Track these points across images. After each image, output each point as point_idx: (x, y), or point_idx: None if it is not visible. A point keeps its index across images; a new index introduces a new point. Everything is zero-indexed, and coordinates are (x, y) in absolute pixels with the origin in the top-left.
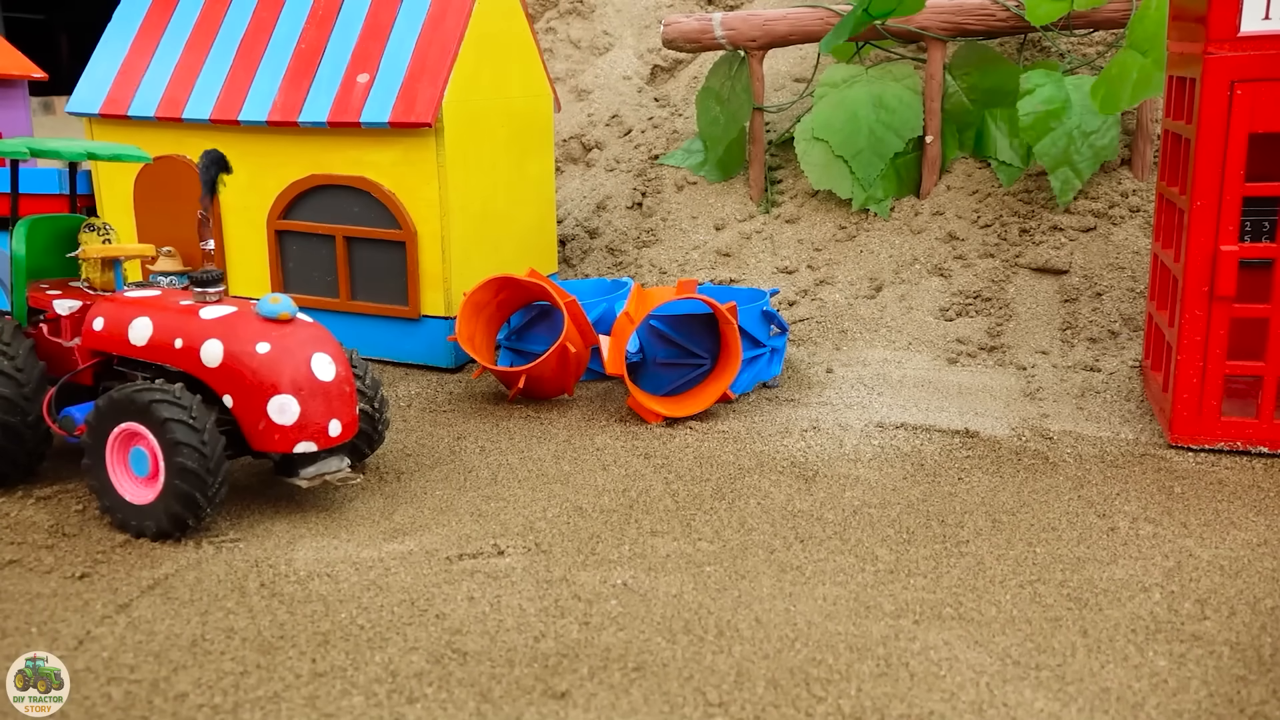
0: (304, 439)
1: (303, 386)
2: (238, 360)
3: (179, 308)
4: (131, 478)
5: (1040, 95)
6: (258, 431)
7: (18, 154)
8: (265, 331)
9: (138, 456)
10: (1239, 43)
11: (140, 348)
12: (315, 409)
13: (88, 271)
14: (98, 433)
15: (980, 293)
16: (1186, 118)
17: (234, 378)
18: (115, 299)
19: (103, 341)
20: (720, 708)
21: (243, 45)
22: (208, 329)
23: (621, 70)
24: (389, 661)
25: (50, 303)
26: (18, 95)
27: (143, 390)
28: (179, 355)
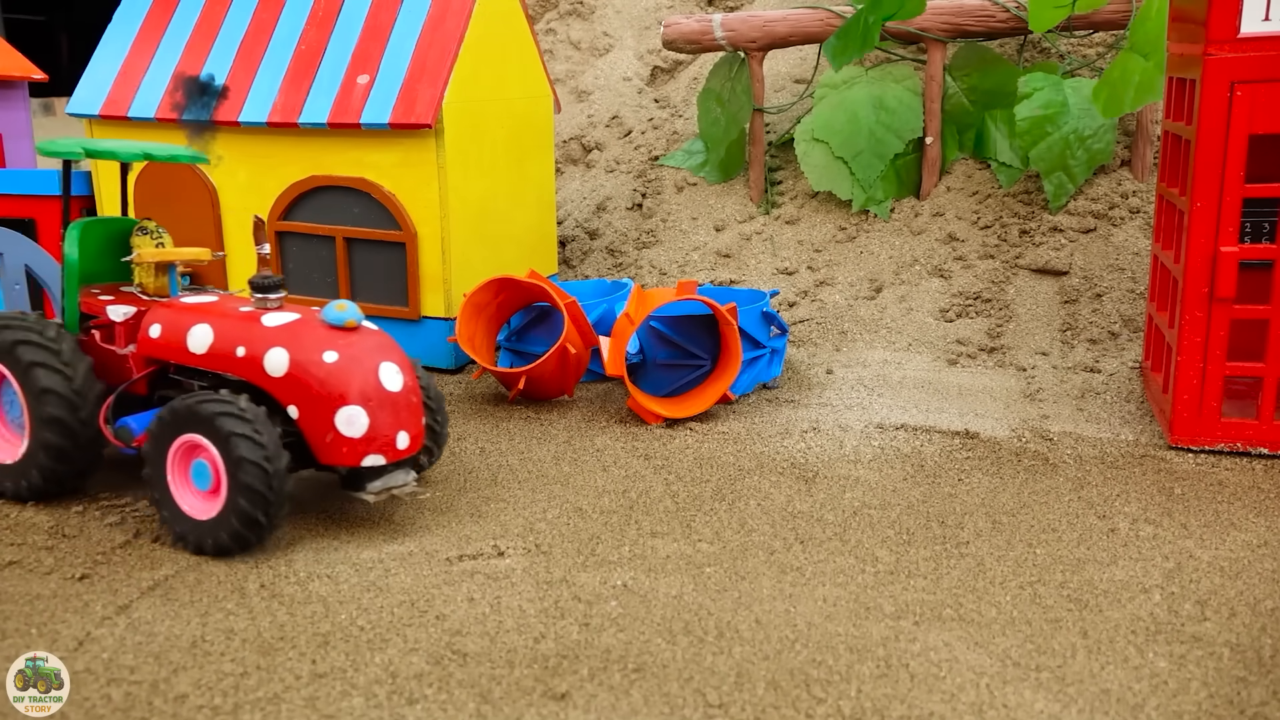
0: (372, 452)
1: (371, 397)
2: (304, 370)
3: (240, 314)
4: (193, 491)
5: (1038, 99)
6: (324, 444)
7: (72, 155)
8: (332, 340)
9: (199, 470)
10: (1239, 44)
11: (199, 356)
12: (383, 420)
13: (141, 276)
14: (159, 445)
15: (980, 294)
16: (1186, 119)
17: (300, 388)
18: (171, 305)
19: (159, 349)
20: (720, 709)
21: (243, 46)
22: (271, 337)
23: (621, 71)
24: (389, 662)
25: (103, 309)
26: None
27: (205, 402)
28: (241, 364)
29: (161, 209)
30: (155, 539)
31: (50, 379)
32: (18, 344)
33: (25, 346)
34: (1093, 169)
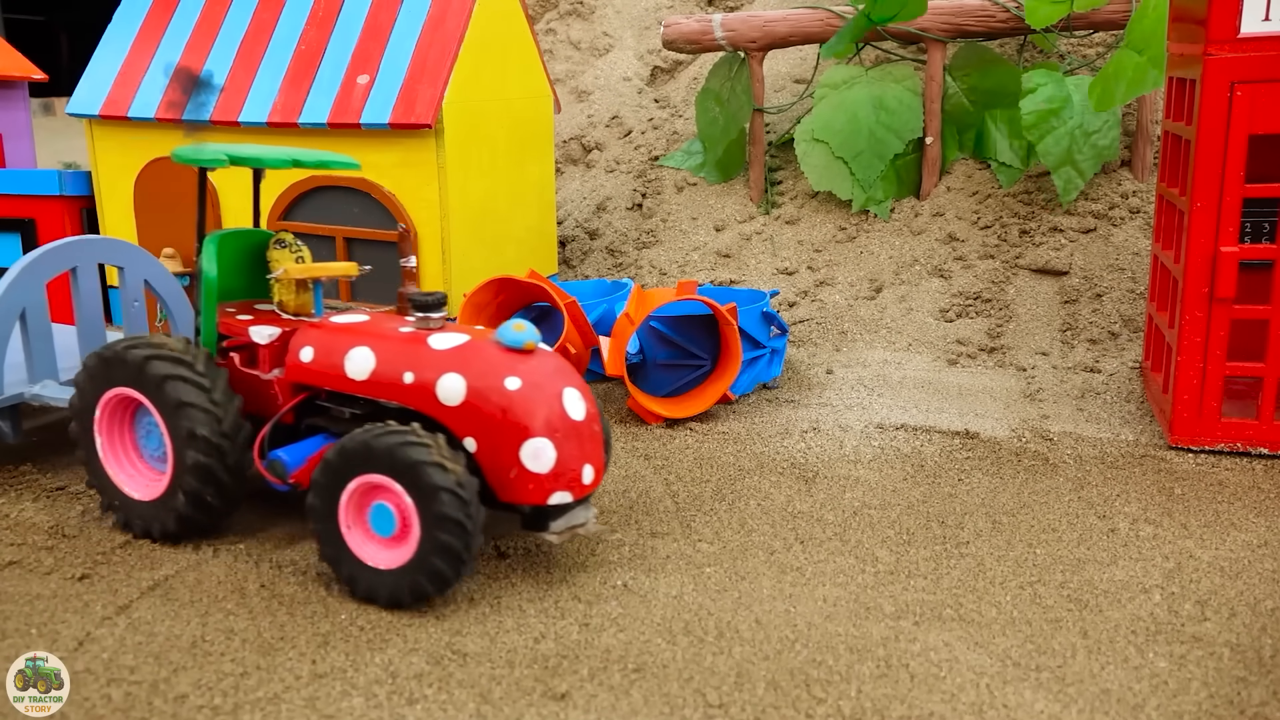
0: (559, 488)
1: (557, 428)
2: (484, 398)
3: (403, 336)
4: (371, 537)
5: (1042, 94)
6: (507, 480)
7: (216, 162)
8: (511, 364)
9: (380, 514)
10: (1239, 44)
11: (360, 382)
12: (570, 453)
13: (280, 293)
14: (329, 491)
15: (980, 294)
16: (1186, 119)
17: (480, 418)
18: (322, 325)
19: (311, 374)
20: (720, 709)
21: (243, 46)
22: (444, 361)
23: (621, 71)
24: (389, 663)
25: (245, 329)
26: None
27: (387, 436)
28: (409, 391)
29: (161, 209)
30: (155, 539)
31: (200, 422)
32: (167, 379)
33: (176, 383)
34: (1100, 164)
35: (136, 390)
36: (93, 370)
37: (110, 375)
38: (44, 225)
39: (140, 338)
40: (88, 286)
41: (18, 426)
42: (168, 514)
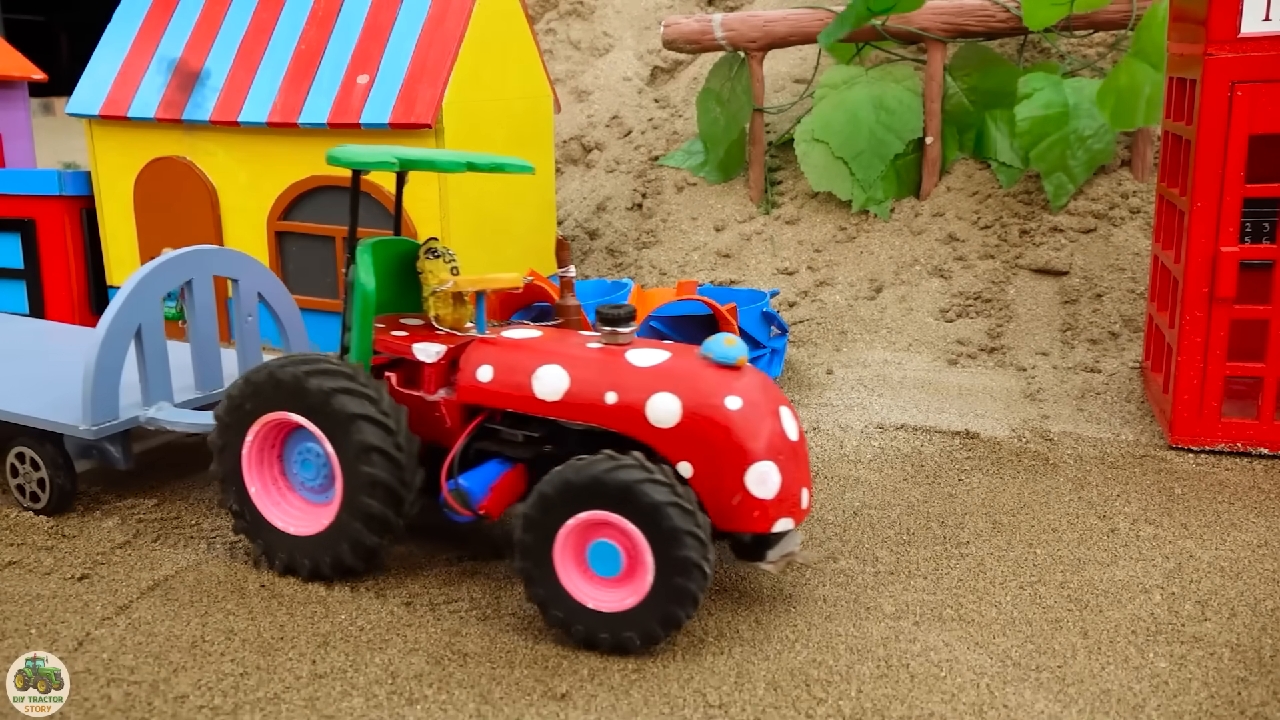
0: (783, 514)
1: (780, 449)
2: (704, 419)
3: (597, 353)
4: (589, 578)
5: (1038, 100)
6: (729, 508)
7: (385, 166)
8: (728, 382)
9: (603, 552)
10: (1239, 44)
11: (551, 403)
12: (791, 476)
13: (437, 307)
14: (545, 524)
15: (980, 294)
16: (1187, 119)
17: (698, 441)
18: (499, 343)
19: (491, 395)
20: (720, 709)
21: (243, 46)
22: (653, 379)
23: (621, 71)
24: (389, 663)
25: (408, 347)
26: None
27: (621, 471)
28: (612, 413)
29: (161, 209)
30: (155, 539)
31: (375, 434)
32: (335, 393)
33: (345, 396)
34: (1093, 169)
35: (304, 417)
36: (242, 396)
37: (264, 400)
38: (44, 225)
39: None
40: (203, 301)
41: (128, 451)
42: (338, 544)
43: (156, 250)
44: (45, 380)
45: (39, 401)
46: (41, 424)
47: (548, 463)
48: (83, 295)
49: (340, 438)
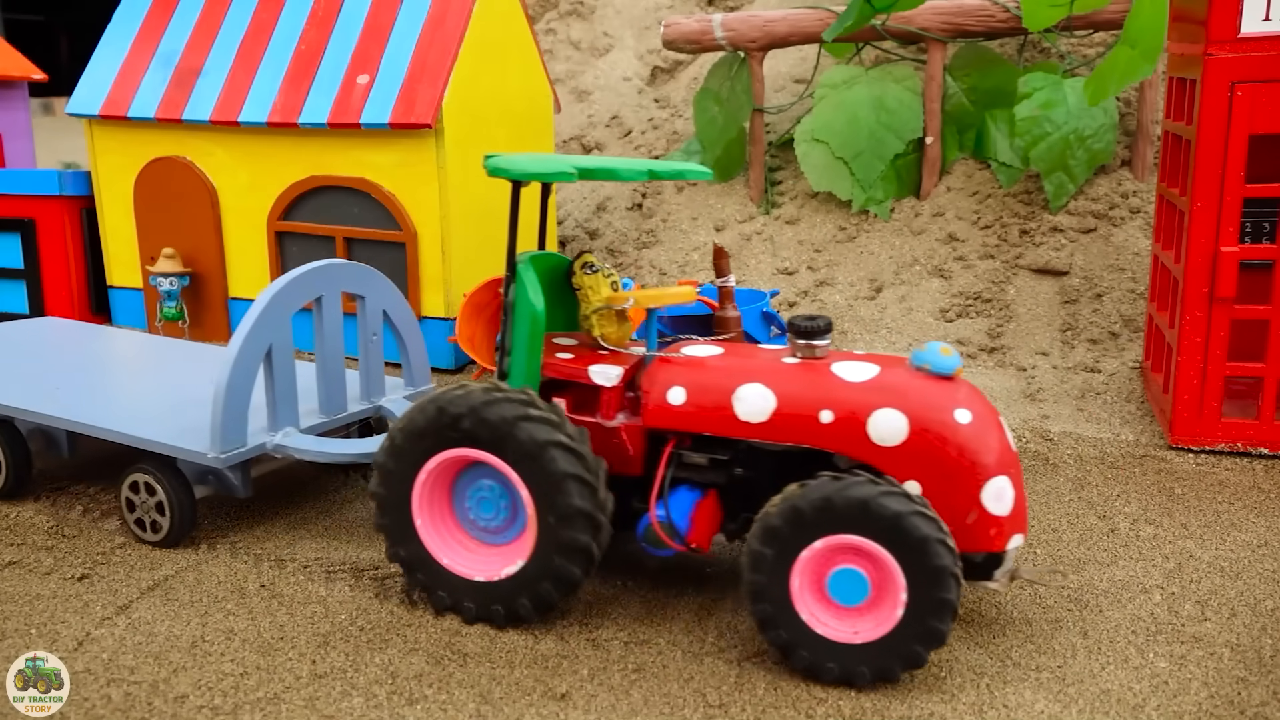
0: (1017, 530)
1: (1010, 463)
2: (933, 435)
3: (800, 368)
4: (828, 607)
5: (1038, 99)
6: (964, 527)
7: (563, 177)
8: (951, 394)
9: (846, 580)
10: (1239, 44)
11: (756, 425)
12: (1019, 490)
13: (602, 325)
14: (779, 556)
15: (980, 294)
16: (1187, 119)
17: (928, 459)
18: (682, 362)
19: (685, 418)
20: (720, 709)
21: (243, 46)
22: (870, 395)
23: (621, 71)
24: (389, 663)
25: (582, 370)
26: (18, 96)
27: (850, 487)
28: (828, 432)
29: (161, 209)
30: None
31: (568, 461)
32: (520, 421)
33: (531, 424)
34: (1093, 169)
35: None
36: (409, 437)
37: (436, 438)
38: (44, 225)
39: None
40: (331, 318)
41: (248, 479)
42: (538, 583)
43: (156, 250)
44: (163, 402)
45: (163, 426)
46: (166, 450)
47: (740, 488)
48: (83, 295)
49: (530, 469)
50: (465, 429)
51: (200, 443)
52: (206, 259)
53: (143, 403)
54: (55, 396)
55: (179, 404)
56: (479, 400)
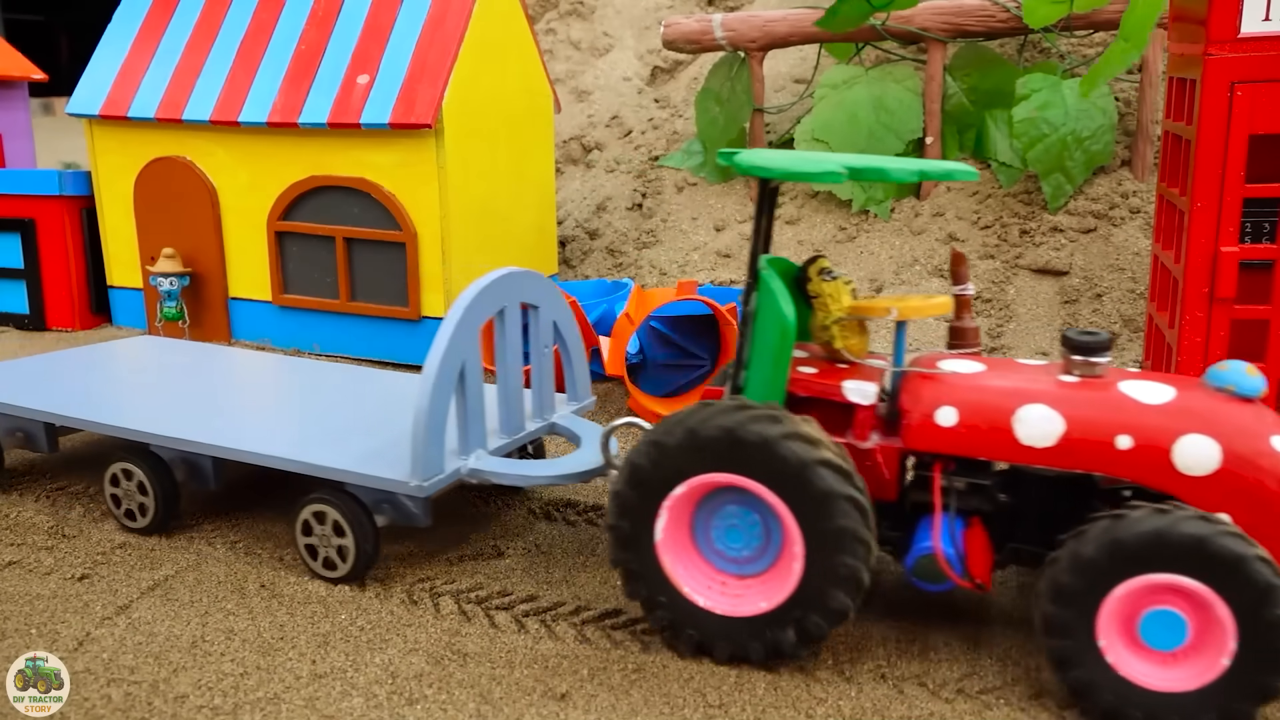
0: None
1: None
2: (1249, 465)
3: (1085, 388)
4: (1137, 650)
5: (1036, 100)
6: None
7: (831, 178)
8: (1260, 419)
9: (1162, 622)
10: (1239, 44)
11: (1040, 450)
12: None
13: (845, 337)
14: (1085, 595)
15: (980, 294)
16: (1187, 119)
17: (1242, 490)
18: (948, 380)
19: (957, 441)
20: (720, 709)
21: (243, 46)
22: (1174, 419)
23: (621, 71)
24: (389, 663)
25: (835, 386)
26: (18, 96)
27: (1182, 522)
28: (1126, 459)
29: (161, 209)
30: (155, 539)
31: (837, 480)
32: (781, 440)
33: (794, 443)
34: (1091, 170)
35: (743, 475)
36: (653, 462)
37: (684, 463)
38: (44, 225)
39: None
40: (513, 330)
41: (429, 506)
42: (804, 614)
43: (156, 250)
44: (322, 426)
45: (341, 453)
46: (357, 479)
47: (1004, 515)
48: (83, 295)
49: (793, 491)
50: (719, 451)
51: (395, 470)
52: (206, 259)
53: (303, 428)
54: (210, 423)
55: (339, 428)
56: (735, 420)
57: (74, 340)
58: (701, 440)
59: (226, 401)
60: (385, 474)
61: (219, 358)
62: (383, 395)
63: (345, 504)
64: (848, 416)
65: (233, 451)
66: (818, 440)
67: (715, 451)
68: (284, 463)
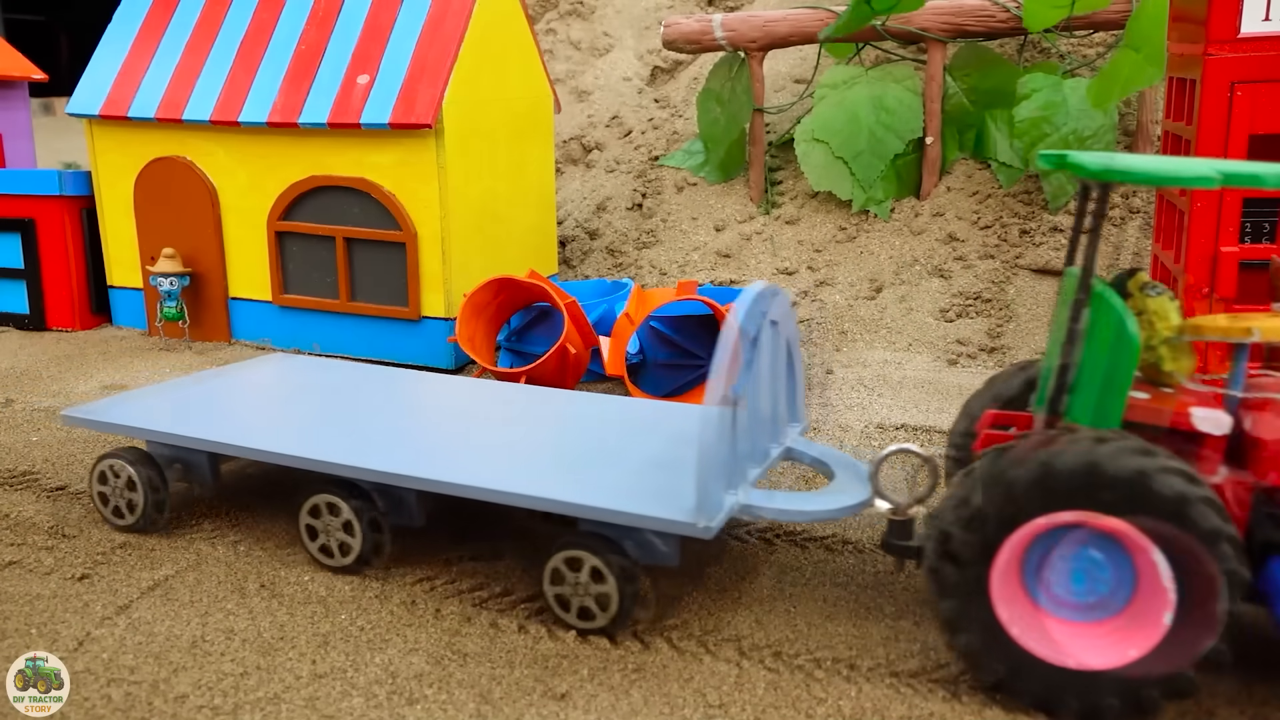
0: None
1: None
2: None
3: None
4: None
5: (1037, 100)
6: None
7: (1204, 182)
8: None
9: None
10: (1239, 44)
11: None
12: None
13: (1175, 360)
14: None
15: (980, 294)
16: (1187, 119)
17: None
18: None
19: None
20: (720, 709)
21: (243, 46)
22: None
23: (621, 71)
24: (389, 663)
25: (1184, 412)
26: (18, 96)
27: None
28: None
29: (161, 209)
30: (155, 539)
31: (1216, 517)
32: (1158, 472)
33: (1171, 476)
34: None
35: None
36: (995, 500)
37: (1031, 500)
38: (44, 225)
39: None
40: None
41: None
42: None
43: (156, 250)
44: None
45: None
46: (638, 521)
47: None
48: (83, 295)
49: (1168, 531)
50: (1079, 487)
51: (674, 510)
52: (206, 259)
53: (523, 459)
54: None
55: (559, 459)
56: (1100, 452)
57: (74, 340)
58: (1062, 475)
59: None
60: (666, 515)
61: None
62: (576, 417)
63: (604, 547)
64: (1188, 447)
65: (475, 490)
66: (1193, 474)
67: (1072, 487)
68: (536, 502)
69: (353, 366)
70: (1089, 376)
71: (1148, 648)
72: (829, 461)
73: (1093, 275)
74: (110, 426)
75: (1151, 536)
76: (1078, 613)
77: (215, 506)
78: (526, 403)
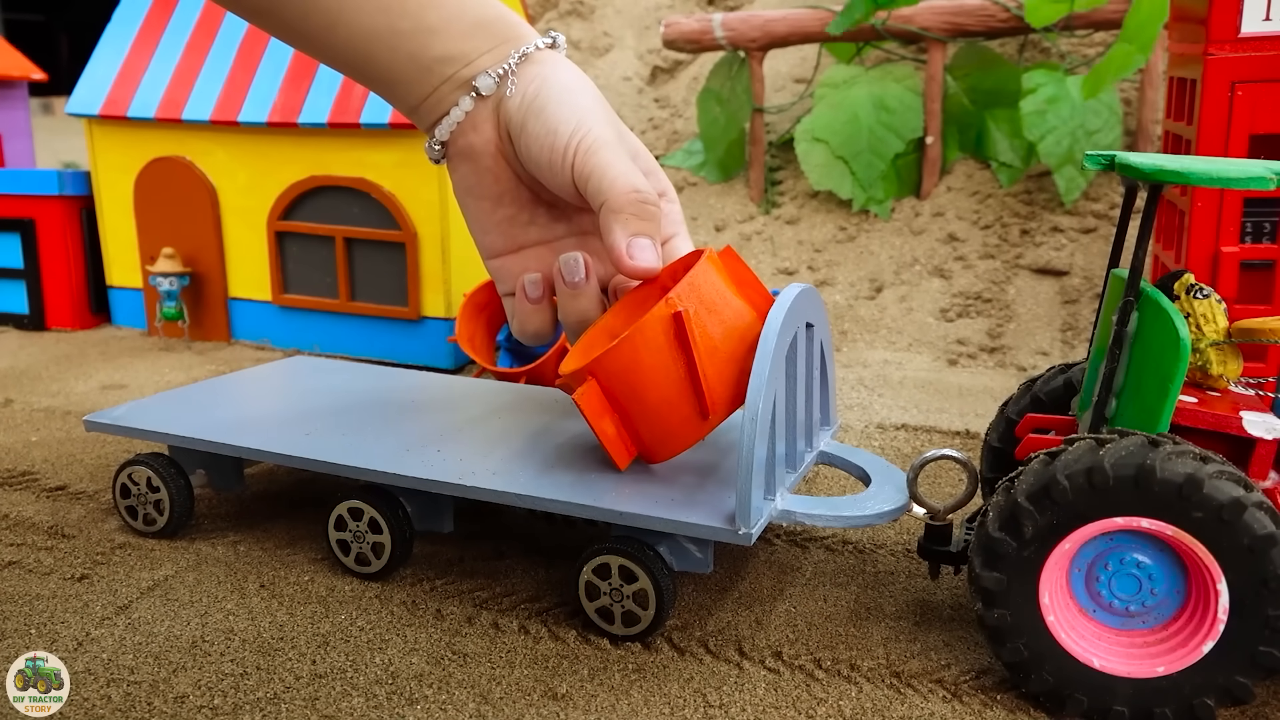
0: None
1: None
2: None
3: None
4: None
5: (1042, 94)
6: None
7: (1259, 183)
8: None
9: None
10: (1240, 44)
11: None
12: None
13: (1221, 363)
14: None
15: (981, 294)
16: (1187, 119)
17: None
18: None
19: None
20: (720, 709)
21: (243, 46)
22: None
23: (621, 71)
24: (389, 663)
25: (1233, 418)
26: (18, 96)
27: None
28: None
29: (161, 209)
30: (155, 539)
31: (1274, 524)
32: (1210, 477)
33: (1224, 481)
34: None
35: (1157, 519)
36: (1057, 496)
37: (1080, 506)
38: (44, 225)
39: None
40: (803, 355)
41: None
42: (1204, 689)
43: (156, 250)
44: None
45: (645, 496)
46: (677, 528)
47: None
48: (82, 295)
49: (1222, 537)
50: (1130, 491)
51: (712, 516)
52: (206, 259)
53: (570, 467)
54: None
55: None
56: (1152, 456)
57: (74, 340)
58: (1112, 479)
59: (446, 433)
60: (705, 521)
61: (381, 379)
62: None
63: (641, 553)
64: (1237, 452)
65: (510, 497)
66: (1245, 479)
67: (1121, 492)
68: (574, 509)
69: (376, 370)
70: (1137, 380)
71: (1201, 655)
72: (864, 465)
73: (1142, 277)
74: (135, 432)
75: (1204, 542)
76: (1125, 620)
77: (215, 507)
78: (564, 410)
